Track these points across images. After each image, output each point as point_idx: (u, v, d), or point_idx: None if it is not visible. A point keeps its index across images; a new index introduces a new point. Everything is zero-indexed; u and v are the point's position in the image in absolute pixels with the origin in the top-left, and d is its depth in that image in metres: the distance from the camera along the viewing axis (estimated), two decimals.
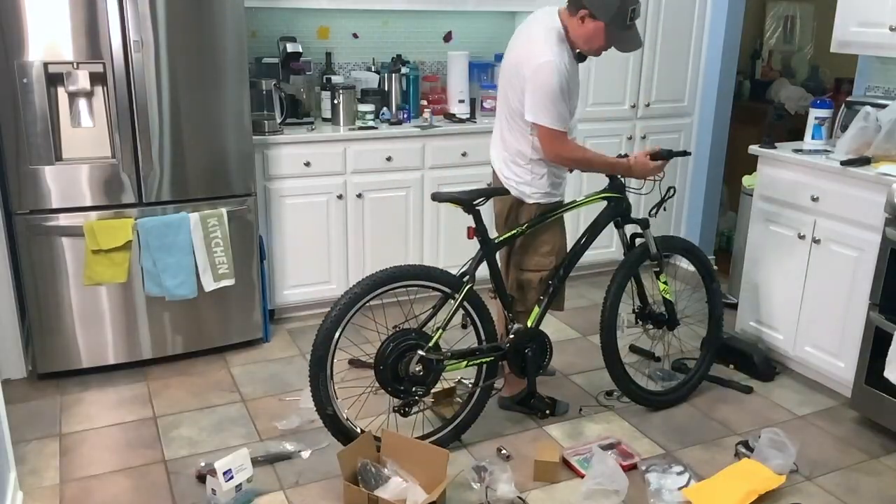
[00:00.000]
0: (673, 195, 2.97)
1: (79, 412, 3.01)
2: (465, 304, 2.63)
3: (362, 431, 2.59)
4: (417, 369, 2.54)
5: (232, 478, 2.41)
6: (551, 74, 2.53)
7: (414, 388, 2.57)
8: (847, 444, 2.90)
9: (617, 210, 2.92)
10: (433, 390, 2.93)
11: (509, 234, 2.75)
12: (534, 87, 2.56)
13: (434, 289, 2.63)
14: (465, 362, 2.69)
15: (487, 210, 2.78)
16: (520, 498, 2.50)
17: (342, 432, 2.57)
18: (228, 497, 2.41)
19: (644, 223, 2.95)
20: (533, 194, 2.77)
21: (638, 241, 3.01)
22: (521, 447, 2.80)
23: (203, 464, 2.61)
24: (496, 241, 2.73)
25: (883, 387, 2.83)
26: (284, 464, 2.69)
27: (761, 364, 3.35)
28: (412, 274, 2.60)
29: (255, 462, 2.58)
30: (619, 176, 2.89)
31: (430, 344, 2.56)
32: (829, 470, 2.72)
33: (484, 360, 2.73)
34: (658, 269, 3.01)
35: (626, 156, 2.87)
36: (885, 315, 2.83)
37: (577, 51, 2.66)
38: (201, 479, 2.55)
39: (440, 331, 2.58)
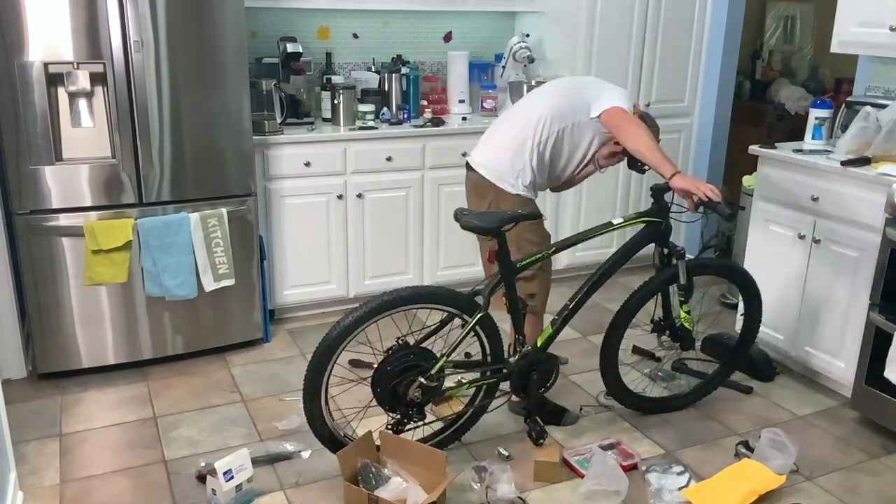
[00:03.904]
0: (715, 244, 2.84)
1: (79, 412, 3.01)
2: (477, 328, 2.54)
3: None
4: (417, 395, 2.47)
5: (232, 478, 2.41)
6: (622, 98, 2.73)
7: (410, 412, 2.51)
8: (847, 444, 2.90)
9: (655, 235, 2.80)
10: None
11: (536, 257, 2.66)
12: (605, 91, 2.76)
13: (443, 311, 2.54)
14: (465, 386, 2.63)
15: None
16: (520, 498, 2.50)
17: (339, 447, 2.53)
18: (228, 497, 2.41)
19: (680, 254, 2.79)
20: (515, 185, 2.75)
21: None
22: (521, 447, 2.79)
23: (203, 464, 2.61)
24: (519, 265, 2.62)
25: (883, 387, 2.83)
26: (284, 464, 2.69)
27: (761, 364, 3.35)
28: (423, 297, 2.49)
29: (256, 462, 2.58)
30: (664, 198, 2.77)
31: (433, 371, 2.47)
32: (830, 470, 2.72)
33: (486, 381, 2.67)
34: (683, 299, 2.84)
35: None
36: (885, 315, 2.83)
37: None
38: (201, 479, 2.55)
39: (444, 358, 2.49)
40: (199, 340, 3.44)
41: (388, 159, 3.79)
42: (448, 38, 4.42)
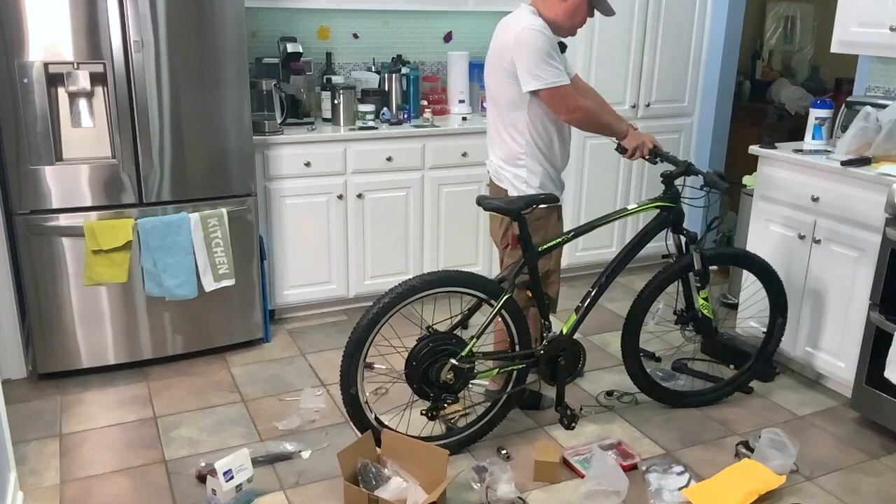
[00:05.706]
0: (717, 226, 2.92)
1: (79, 412, 3.01)
2: (503, 312, 2.62)
3: (376, 419, 2.62)
4: (449, 377, 2.55)
5: (232, 478, 2.41)
6: (534, 36, 2.59)
7: (443, 396, 2.58)
8: (847, 444, 2.90)
9: (668, 220, 2.88)
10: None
11: (555, 241, 2.73)
12: (523, 54, 2.60)
13: (473, 296, 2.63)
14: (496, 370, 2.71)
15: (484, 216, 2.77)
16: (520, 498, 2.50)
17: (358, 413, 2.58)
18: (229, 497, 2.41)
19: (692, 237, 2.88)
20: (528, 190, 2.77)
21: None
22: (521, 447, 2.80)
23: (203, 464, 2.61)
24: (540, 249, 2.70)
25: (883, 387, 2.83)
26: (284, 464, 2.69)
27: (761, 364, 3.34)
28: (453, 280, 2.59)
29: (256, 462, 2.58)
30: (675, 183, 2.84)
31: (463, 353, 2.55)
32: (830, 470, 2.72)
33: (515, 367, 2.73)
34: (699, 285, 2.91)
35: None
36: (885, 315, 2.83)
37: (558, 40, 2.72)
38: (201, 479, 2.55)
39: (474, 339, 2.57)
40: (199, 340, 3.44)
41: (388, 159, 3.79)
42: (448, 38, 4.42)
